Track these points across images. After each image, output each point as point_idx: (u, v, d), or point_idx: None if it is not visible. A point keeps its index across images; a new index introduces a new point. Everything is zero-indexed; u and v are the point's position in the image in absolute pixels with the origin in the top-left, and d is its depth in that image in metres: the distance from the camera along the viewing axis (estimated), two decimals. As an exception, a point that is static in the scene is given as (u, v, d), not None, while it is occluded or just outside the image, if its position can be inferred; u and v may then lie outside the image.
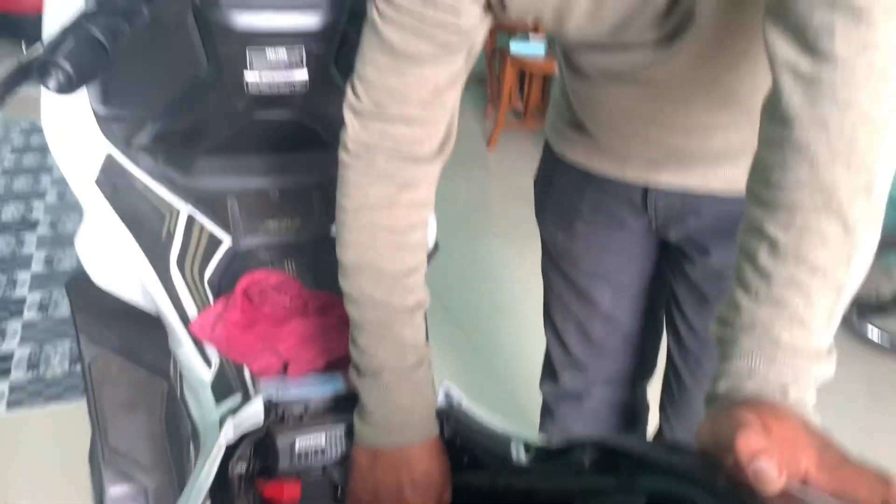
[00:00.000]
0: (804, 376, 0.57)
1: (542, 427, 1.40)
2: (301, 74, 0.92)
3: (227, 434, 0.75)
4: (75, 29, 0.57)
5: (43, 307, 2.41)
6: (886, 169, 0.57)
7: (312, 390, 0.86)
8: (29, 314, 2.36)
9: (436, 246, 1.26)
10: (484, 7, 0.74)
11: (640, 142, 0.95)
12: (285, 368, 0.90)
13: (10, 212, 3.08)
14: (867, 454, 0.49)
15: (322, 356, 0.91)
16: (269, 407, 0.83)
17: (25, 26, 5.69)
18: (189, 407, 1.00)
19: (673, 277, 1.13)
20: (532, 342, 1.50)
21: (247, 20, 0.87)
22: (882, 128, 0.56)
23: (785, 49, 0.58)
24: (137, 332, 1.16)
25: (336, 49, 0.95)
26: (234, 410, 0.86)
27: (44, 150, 3.77)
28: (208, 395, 0.91)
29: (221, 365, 0.92)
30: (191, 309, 0.97)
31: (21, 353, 2.17)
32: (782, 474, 0.47)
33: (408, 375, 0.79)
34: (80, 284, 1.10)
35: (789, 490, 0.48)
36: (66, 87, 0.56)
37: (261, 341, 0.91)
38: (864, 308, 2.49)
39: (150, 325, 1.07)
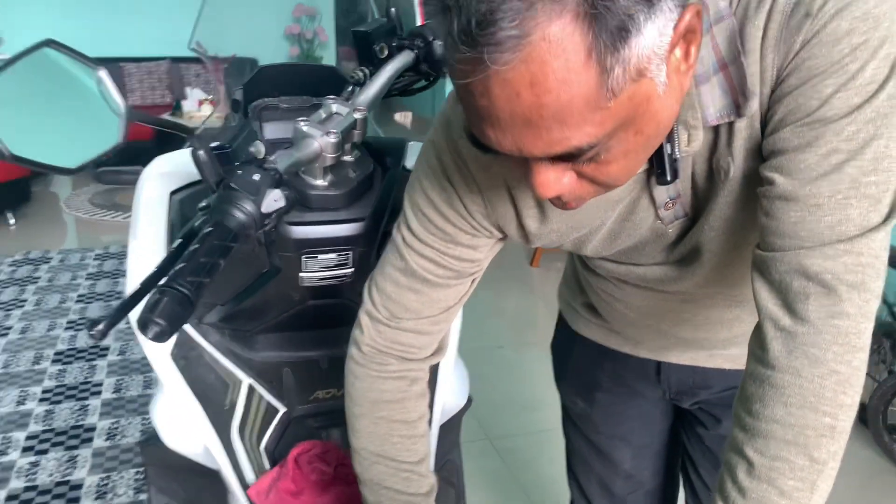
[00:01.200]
0: None
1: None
2: (347, 270, 1.08)
3: None
4: (167, 288, 0.72)
5: (111, 435, 2.58)
6: (849, 411, 0.68)
7: (352, 556, 0.98)
8: (98, 441, 2.53)
9: (469, 399, 1.38)
10: (498, 239, 0.88)
11: (652, 332, 1.07)
12: (329, 533, 1.02)
13: (83, 338, 3.31)
14: None
15: (361, 522, 1.02)
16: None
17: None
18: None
19: (687, 439, 1.22)
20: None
21: (302, 232, 1.04)
22: (845, 381, 0.67)
23: (769, 303, 0.70)
24: (200, 485, 1.29)
25: (378, 245, 1.11)
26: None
27: (115, 275, 4.05)
28: (261, 554, 1.03)
29: (274, 528, 1.04)
30: (248, 473, 1.11)
31: (91, 481, 2.32)
32: None
33: None
34: (151, 444, 1.25)
35: None
36: (161, 338, 0.71)
37: (308, 508, 1.04)
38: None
39: (212, 478, 1.21)
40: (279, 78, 1.29)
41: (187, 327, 1.18)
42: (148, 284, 0.81)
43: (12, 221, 4.89)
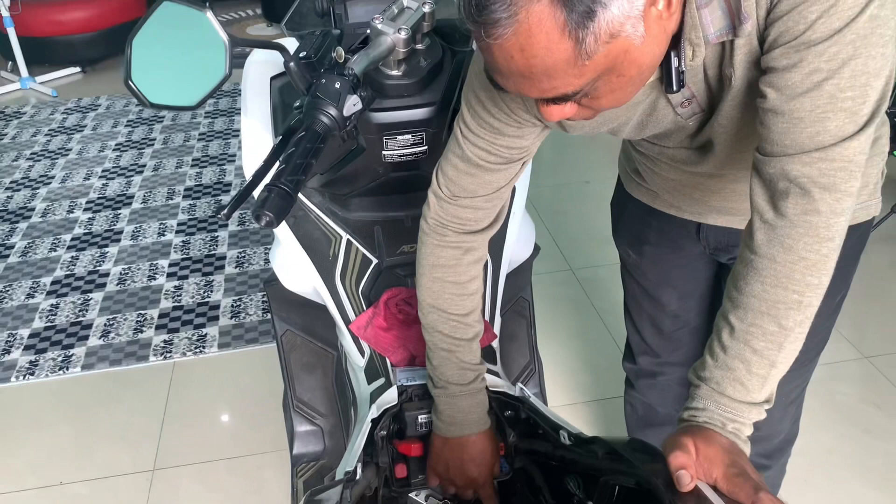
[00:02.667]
0: (739, 417, 0.86)
1: (626, 393, 1.71)
2: (422, 148, 1.26)
3: (373, 413, 1.14)
4: (273, 186, 0.92)
5: (240, 263, 2.96)
6: (816, 289, 0.83)
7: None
8: (229, 268, 2.92)
9: (536, 248, 1.58)
10: (544, 127, 1.03)
11: (688, 200, 1.21)
12: (414, 360, 1.27)
13: (209, 175, 3.67)
14: None
15: (439, 353, 1.27)
16: (402, 390, 1.20)
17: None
18: (350, 380, 1.40)
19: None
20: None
21: (381, 117, 1.21)
22: (813, 265, 0.82)
23: (758, 198, 0.84)
24: (313, 316, 1.58)
25: (448, 124, 1.27)
26: (380, 389, 1.25)
27: (230, 114, 4.35)
28: (362, 376, 1.31)
29: (371, 356, 1.31)
30: (350, 311, 1.36)
31: (226, 302, 2.73)
32: (692, 481, 0.78)
33: (467, 389, 1.12)
34: (273, 284, 1.52)
35: (698, 490, 0.79)
36: (271, 226, 0.92)
37: (397, 340, 1.29)
38: None
39: (322, 312, 1.48)
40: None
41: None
42: (258, 176, 1.02)
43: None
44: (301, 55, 1.05)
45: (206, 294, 2.78)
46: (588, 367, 2.39)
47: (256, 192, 0.95)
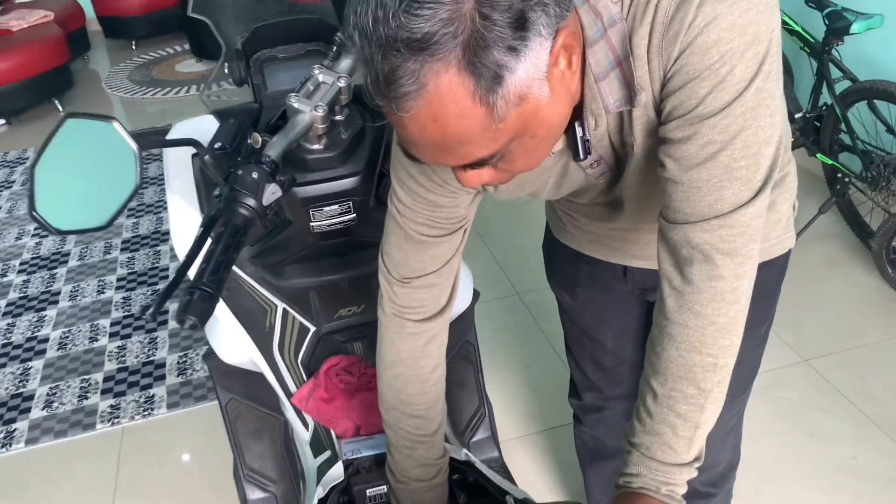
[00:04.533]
0: (672, 480, 0.88)
1: (575, 428, 1.73)
2: (350, 216, 1.26)
3: (319, 493, 1.13)
4: (195, 287, 0.91)
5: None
6: (729, 350, 0.86)
7: (378, 448, 1.23)
8: (172, 323, 2.87)
9: (475, 293, 1.59)
10: (477, 193, 1.03)
11: (609, 248, 1.24)
12: (359, 430, 1.27)
13: (145, 225, 3.60)
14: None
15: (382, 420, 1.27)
16: (348, 463, 1.20)
17: (130, 27, 6.16)
18: (297, 452, 1.39)
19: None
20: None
21: (306, 192, 1.21)
22: (722, 328, 0.85)
23: (666, 264, 0.86)
24: (255, 383, 1.56)
25: (374, 189, 1.28)
26: (327, 463, 1.24)
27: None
28: (307, 450, 1.30)
29: (315, 428, 1.30)
30: (291, 384, 1.36)
31: (171, 359, 2.68)
32: None
33: (430, 483, 1.13)
34: (211, 356, 1.50)
35: None
36: (195, 329, 0.91)
37: (340, 411, 1.28)
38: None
39: (263, 377, 1.47)
40: (275, 31, 1.41)
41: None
42: (181, 272, 1.01)
43: (61, 108, 5.10)
44: (216, 146, 1.05)
45: (150, 352, 2.73)
46: (539, 394, 2.41)
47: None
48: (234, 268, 1.42)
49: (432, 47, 0.64)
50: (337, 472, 1.18)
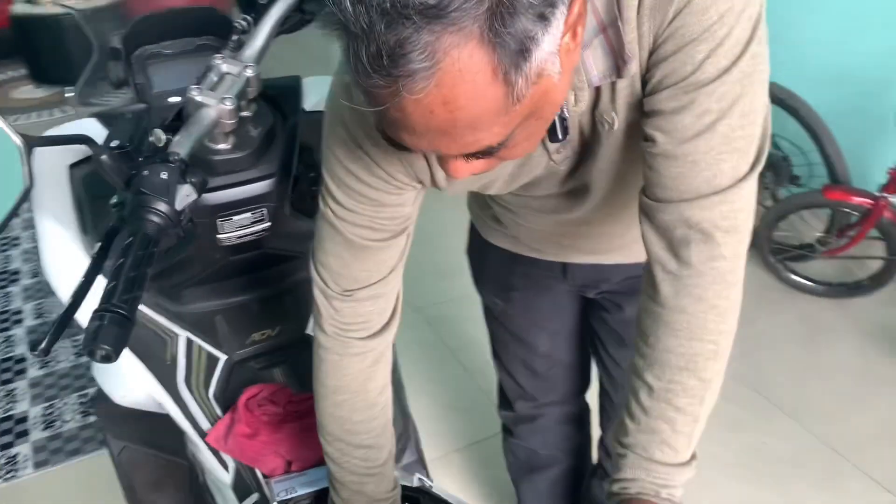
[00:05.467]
0: (671, 482, 0.80)
1: (504, 441, 1.65)
2: (264, 225, 1.12)
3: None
4: (105, 310, 0.75)
5: (45, 363, 2.59)
6: (729, 335, 0.80)
7: (313, 484, 1.09)
8: (32, 371, 2.55)
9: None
10: (419, 189, 0.92)
11: (554, 245, 1.16)
12: (290, 467, 1.12)
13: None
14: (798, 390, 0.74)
15: (316, 451, 1.12)
16: (283, 505, 1.05)
17: None
18: (214, 500, 1.21)
19: (595, 322, 1.36)
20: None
21: (213, 198, 1.05)
22: (724, 312, 0.78)
23: (657, 248, 0.79)
24: (153, 425, 1.37)
25: (290, 195, 1.14)
26: (255, 506, 1.08)
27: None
28: (230, 495, 1.13)
29: (237, 469, 1.14)
30: (203, 421, 1.18)
31: (35, 411, 2.37)
32: None
33: None
34: (103, 400, 1.30)
35: None
36: (110, 360, 0.75)
37: (265, 446, 1.13)
38: (787, 257, 2.75)
39: (165, 418, 1.28)
40: (157, 25, 1.25)
41: None
42: (78, 297, 0.84)
43: None
44: (114, 145, 0.88)
45: (9, 406, 2.40)
46: (453, 411, 2.31)
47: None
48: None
49: (452, 14, 0.52)
50: (273, 518, 1.03)
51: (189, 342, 1.23)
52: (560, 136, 0.79)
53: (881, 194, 2.37)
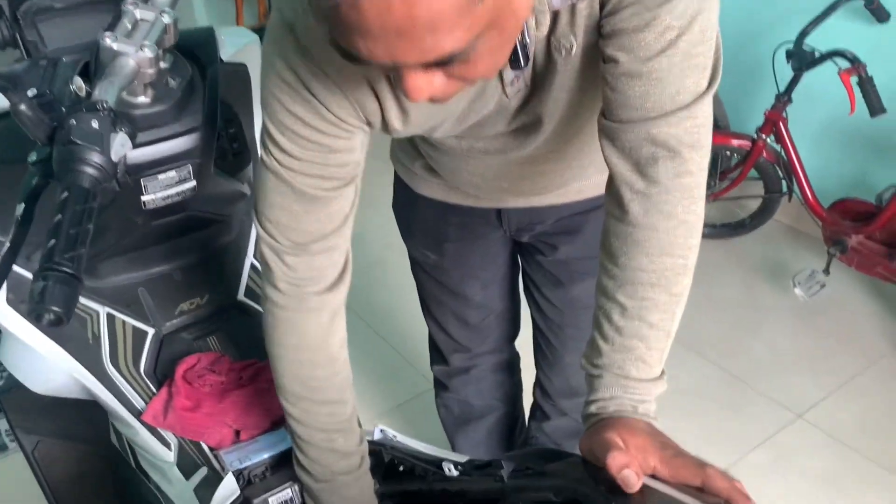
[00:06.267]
0: (647, 396, 0.82)
1: (438, 397, 1.64)
2: (191, 184, 1.05)
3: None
4: (48, 269, 0.68)
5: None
6: (696, 250, 0.82)
7: (268, 450, 1.04)
8: None
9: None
10: (368, 132, 0.87)
11: (492, 189, 1.15)
12: (238, 436, 1.07)
13: None
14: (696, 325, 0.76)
15: (265, 418, 1.08)
16: (237, 475, 1.00)
17: None
18: (155, 481, 1.14)
19: (528, 266, 1.37)
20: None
21: (136, 156, 0.98)
22: (692, 227, 0.80)
23: (622, 169, 0.79)
24: (70, 414, 1.27)
25: (215, 150, 1.08)
26: (206, 482, 1.02)
27: None
28: (175, 473, 1.07)
29: (181, 445, 1.07)
30: (136, 400, 1.10)
31: None
32: (640, 477, 0.72)
33: (356, 474, 0.98)
34: (14, 392, 1.19)
35: (644, 486, 0.73)
36: (60, 324, 0.68)
37: (209, 418, 1.07)
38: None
39: (84, 405, 1.19)
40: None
41: (18, 269, 1.10)
42: (6, 262, 0.76)
43: None
44: (32, 94, 0.80)
45: None
46: (372, 377, 2.29)
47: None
48: (27, 273, 1.13)
49: None
50: (229, 489, 0.97)
51: (111, 318, 1.14)
52: (522, 62, 0.78)
53: (759, 136, 2.52)
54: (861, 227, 2.39)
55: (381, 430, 1.03)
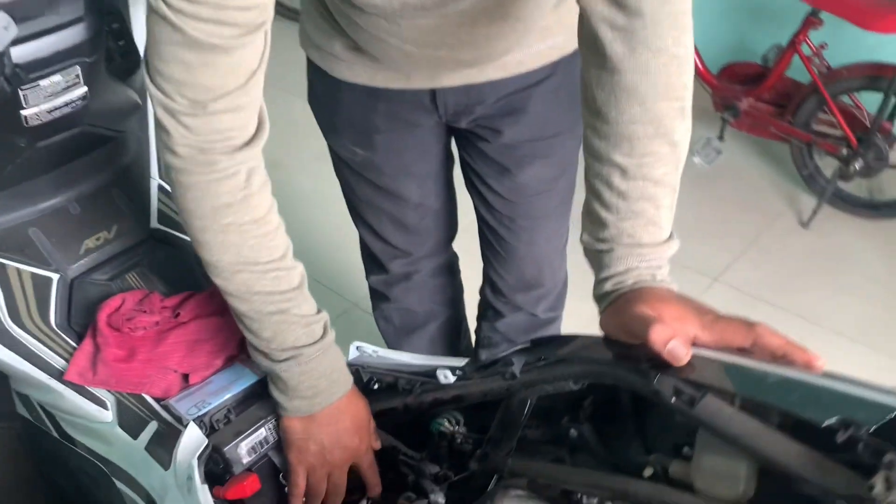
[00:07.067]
0: (662, 261, 0.75)
1: (376, 310, 1.53)
2: (80, 90, 0.86)
3: (195, 476, 0.79)
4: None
5: None
6: (690, 88, 0.74)
7: (226, 390, 0.90)
8: None
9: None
10: None
11: (427, 61, 1.02)
12: (187, 380, 0.92)
13: None
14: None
15: (215, 355, 0.93)
16: (200, 422, 0.86)
17: None
18: (89, 447, 0.98)
19: (470, 157, 1.25)
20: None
21: (14, 55, 0.78)
22: (685, 62, 0.72)
23: (597, 5, 0.69)
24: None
25: (105, 47, 0.89)
26: (160, 437, 0.88)
27: None
28: (119, 434, 0.91)
29: (119, 401, 0.91)
30: (53, 359, 0.93)
31: None
32: (689, 348, 0.65)
33: (322, 345, 0.85)
34: None
35: (693, 358, 0.67)
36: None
37: (149, 365, 0.91)
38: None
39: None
40: None
41: None
42: None
43: None
44: None
45: None
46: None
47: None
48: None
49: None
50: (195, 439, 0.83)
51: (1, 268, 0.94)
52: None
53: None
54: (750, 90, 2.42)
55: (358, 348, 0.91)
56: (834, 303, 2.10)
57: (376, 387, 0.95)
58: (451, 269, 1.50)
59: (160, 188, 1.08)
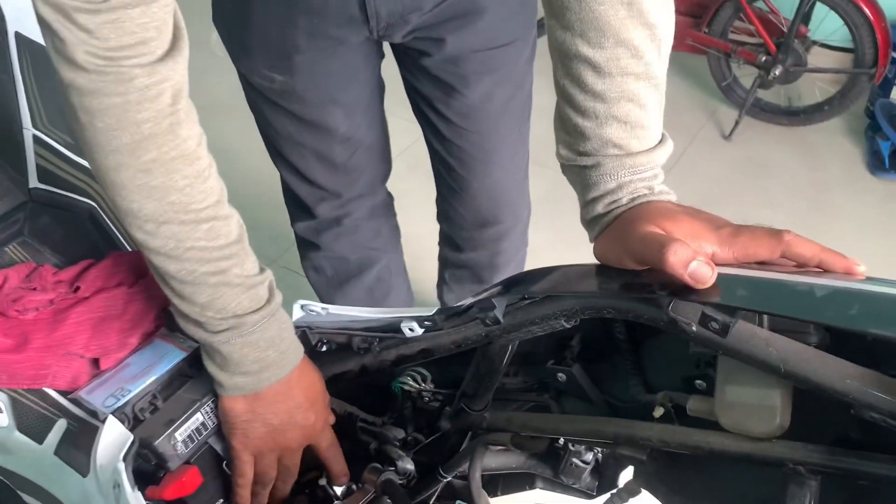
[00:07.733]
0: (657, 168, 0.64)
1: (305, 260, 1.38)
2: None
3: (124, 478, 0.64)
4: None
5: None
6: None
7: (147, 373, 0.75)
8: None
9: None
10: None
11: None
12: (97, 365, 0.76)
13: None
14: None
15: (129, 333, 0.77)
16: (121, 417, 0.71)
17: None
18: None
19: (412, 77, 1.11)
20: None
21: None
22: None
23: None
24: None
25: None
26: (72, 436, 0.73)
27: None
28: (19, 440, 0.75)
29: (14, 401, 0.75)
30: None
31: None
32: (714, 268, 0.55)
33: (268, 310, 0.71)
34: None
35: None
36: None
37: (47, 353, 0.75)
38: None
39: None
40: None
41: None
42: None
43: None
44: None
45: None
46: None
47: None
48: None
49: None
50: (116, 435, 0.68)
51: None
52: None
53: None
54: (665, 2, 2.35)
55: (303, 307, 0.77)
56: (762, 213, 2.09)
57: (325, 349, 0.82)
58: (386, 210, 1.37)
59: (36, 140, 0.90)
